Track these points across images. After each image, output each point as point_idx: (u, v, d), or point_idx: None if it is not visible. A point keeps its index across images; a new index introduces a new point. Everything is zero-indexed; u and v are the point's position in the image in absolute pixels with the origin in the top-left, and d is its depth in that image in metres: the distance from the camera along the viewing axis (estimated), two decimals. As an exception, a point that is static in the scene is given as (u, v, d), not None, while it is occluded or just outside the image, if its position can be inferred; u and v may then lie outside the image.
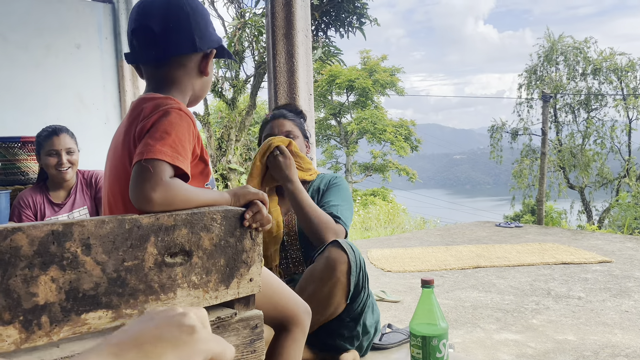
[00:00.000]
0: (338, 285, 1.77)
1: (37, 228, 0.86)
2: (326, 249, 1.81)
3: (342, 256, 1.76)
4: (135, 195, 1.02)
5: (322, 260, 1.79)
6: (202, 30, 1.24)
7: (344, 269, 1.76)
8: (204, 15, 1.26)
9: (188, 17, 1.22)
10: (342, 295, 1.80)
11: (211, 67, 1.33)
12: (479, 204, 69.74)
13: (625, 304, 3.46)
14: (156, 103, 1.14)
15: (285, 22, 2.68)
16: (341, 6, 9.09)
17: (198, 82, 1.29)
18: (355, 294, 1.82)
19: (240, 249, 1.13)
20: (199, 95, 1.33)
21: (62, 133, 2.45)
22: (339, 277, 1.77)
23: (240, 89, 10.69)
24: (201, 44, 1.24)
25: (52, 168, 2.42)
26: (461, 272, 4.55)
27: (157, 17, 1.20)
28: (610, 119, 17.10)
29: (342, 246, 1.78)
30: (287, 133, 2.07)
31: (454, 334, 2.92)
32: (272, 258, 2.01)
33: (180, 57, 1.24)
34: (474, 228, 7.36)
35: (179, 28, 1.21)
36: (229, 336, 1.11)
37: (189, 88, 1.28)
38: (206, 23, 1.26)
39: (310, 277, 1.81)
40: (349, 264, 1.76)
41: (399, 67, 20.82)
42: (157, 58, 1.23)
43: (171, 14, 1.21)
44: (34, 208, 2.44)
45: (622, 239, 6.22)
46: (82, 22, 4.44)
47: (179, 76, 1.25)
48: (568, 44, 17.46)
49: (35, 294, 0.86)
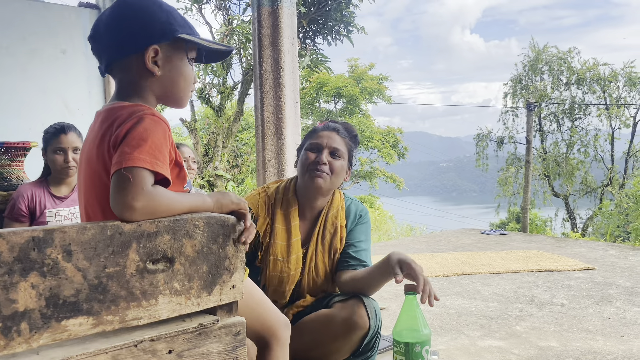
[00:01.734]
0: (349, 344, 1.73)
1: (17, 234, 0.86)
2: (349, 303, 1.71)
3: (365, 323, 1.68)
4: (118, 205, 1.00)
5: (342, 316, 1.70)
6: (136, 28, 1.18)
7: (361, 334, 1.70)
8: (141, 12, 1.20)
9: (119, 18, 1.19)
10: (349, 351, 1.76)
11: (171, 64, 1.22)
12: (465, 211, 70.17)
13: (607, 310, 3.51)
14: (129, 111, 1.12)
15: (271, 30, 2.70)
16: (329, 14, 9.15)
17: (154, 83, 1.21)
18: (363, 352, 1.77)
19: (222, 255, 1.13)
20: (169, 96, 1.25)
21: (70, 131, 2.48)
22: (354, 339, 1.71)
23: (228, 96, 10.68)
24: (134, 43, 1.18)
25: (58, 165, 2.45)
26: (446, 279, 4.58)
27: (99, 25, 1.21)
28: (594, 128, 17.36)
29: (368, 311, 1.69)
30: (334, 150, 1.83)
31: (439, 340, 2.93)
32: (283, 296, 1.85)
33: (122, 61, 1.20)
34: (460, 235, 7.41)
35: (111, 32, 1.19)
36: (211, 343, 1.11)
37: (146, 91, 1.22)
38: (144, 19, 1.19)
39: (324, 325, 1.74)
40: (368, 330, 1.70)
41: (386, 75, 20.95)
42: (106, 66, 1.22)
43: (107, 20, 1.20)
44: (32, 201, 2.44)
45: (604, 246, 6.30)
46: (68, 27, 4.42)
47: (130, 80, 1.21)
48: (552, 54, 17.71)
49: (15, 301, 0.86)
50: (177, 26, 1.22)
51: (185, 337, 1.07)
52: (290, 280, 1.83)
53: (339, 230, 1.88)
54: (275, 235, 1.82)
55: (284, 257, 1.81)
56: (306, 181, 1.82)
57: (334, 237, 1.88)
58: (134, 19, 1.19)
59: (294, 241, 1.82)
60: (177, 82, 1.25)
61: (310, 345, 1.77)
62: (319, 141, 1.83)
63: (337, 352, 1.76)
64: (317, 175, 1.79)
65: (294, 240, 1.83)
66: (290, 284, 1.83)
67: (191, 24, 1.27)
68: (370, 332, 1.70)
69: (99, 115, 1.19)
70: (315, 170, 1.79)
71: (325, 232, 1.87)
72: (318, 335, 1.75)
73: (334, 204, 1.91)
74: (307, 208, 1.89)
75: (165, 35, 1.20)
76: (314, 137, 1.86)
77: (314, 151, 1.83)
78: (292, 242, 1.82)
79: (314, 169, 1.80)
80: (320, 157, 1.80)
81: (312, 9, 8.94)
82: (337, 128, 1.88)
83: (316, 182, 1.79)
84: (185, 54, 1.24)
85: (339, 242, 1.89)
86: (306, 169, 1.82)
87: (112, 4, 1.22)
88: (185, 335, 1.07)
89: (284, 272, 1.81)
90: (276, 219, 1.83)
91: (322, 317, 1.75)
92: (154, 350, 1.02)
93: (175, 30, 1.21)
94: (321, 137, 1.84)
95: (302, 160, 1.84)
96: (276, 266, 1.81)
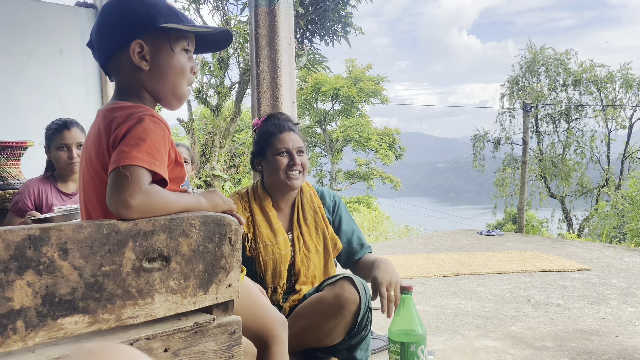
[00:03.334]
0: (342, 323, 1.76)
1: (13, 232, 0.86)
2: (338, 283, 1.77)
3: (354, 296, 1.73)
4: (114, 203, 1.01)
5: (332, 294, 1.75)
6: (118, 23, 1.17)
7: (352, 309, 1.74)
8: (125, 6, 1.19)
9: (104, 16, 1.20)
10: (344, 331, 1.79)
11: (158, 56, 1.20)
12: (462, 212, 70.29)
13: (603, 311, 3.52)
14: (128, 112, 1.12)
15: (268, 30, 2.70)
16: (326, 15, 9.16)
17: (144, 78, 1.20)
18: (357, 332, 1.80)
19: (219, 254, 1.14)
20: (159, 92, 1.23)
21: (74, 127, 2.44)
22: (346, 316, 1.74)
23: (225, 96, 10.67)
24: (116, 39, 1.17)
25: (62, 162, 2.41)
26: (443, 279, 4.59)
27: (92, 28, 1.23)
28: (590, 130, 17.39)
29: (356, 285, 1.74)
30: (300, 149, 1.99)
31: (435, 340, 2.94)
32: (281, 275, 1.96)
33: (113, 61, 1.20)
34: (456, 236, 7.42)
35: (99, 30, 1.20)
36: (207, 342, 1.11)
37: (138, 88, 1.21)
38: (126, 14, 1.18)
39: (316, 307, 1.78)
40: (359, 305, 1.73)
41: (383, 76, 20.97)
42: (101, 65, 1.23)
43: (97, 21, 1.22)
44: (39, 197, 2.41)
45: (600, 247, 6.33)
46: (65, 27, 4.41)
47: (123, 78, 1.21)
48: (549, 55, 17.74)
49: (11, 299, 0.86)
50: (159, 17, 1.17)
51: (181, 335, 1.07)
52: (284, 260, 1.95)
53: (318, 210, 2.06)
54: (258, 226, 1.97)
55: (272, 241, 1.95)
56: (284, 183, 1.97)
57: (316, 217, 2.05)
58: (116, 16, 1.19)
59: (276, 227, 1.98)
60: (167, 75, 1.21)
61: (305, 331, 1.79)
62: (286, 145, 1.97)
63: (332, 332, 1.78)
64: (295, 178, 1.96)
65: (277, 226, 1.98)
66: (284, 263, 1.95)
67: (181, 13, 1.23)
68: (362, 308, 1.74)
69: (100, 114, 1.20)
70: (292, 172, 1.95)
71: (306, 215, 2.04)
72: (311, 318, 1.78)
73: (304, 191, 2.09)
74: (281, 201, 2.05)
75: (146, 27, 1.17)
76: (278, 142, 1.97)
77: (283, 155, 1.96)
78: (275, 228, 1.97)
79: (290, 171, 1.96)
80: (294, 161, 1.95)
81: (309, 9, 8.95)
82: (290, 127, 2.02)
83: (295, 184, 1.97)
84: (169, 43, 1.20)
85: (322, 220, 2.05)
86: (283, 173, 1.96)
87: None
88: (181, 333, 1.07)
89: (276, 253, 1.94)
90: (254, 212, 2.00)
91: (314, 300, 1.81)
92: (150, 349, 1.02)
93: (156, 20, 1.17)
94: (285, 140, 1.97)
95: (274, 165, 1.97)
96: (267, 250, 1.94)
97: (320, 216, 2.06)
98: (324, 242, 2.04)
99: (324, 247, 2.03)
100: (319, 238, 2.04)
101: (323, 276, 2.03)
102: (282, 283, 1.96)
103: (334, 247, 2.05)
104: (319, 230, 2.04)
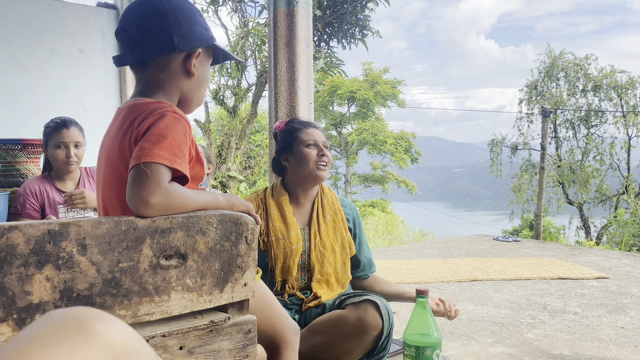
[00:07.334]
0: (362, 345, 1.75)
1: (33, 227, 0.87)
2: (362, 306, 1.74)
3: (377, 322, 1.71)
4: (133, 200, 1.01)
5: (355, 316, 1.73)
6: (184, 29, 1.20)
7: (374, 334, 1.72)
8: (187, 14, 1.22)
9: (166, 16, 1.19)
10: (362, 352, 1.78)
11: (202, 67, 1.28)
12: (478, 217, 69.69)
13: (621, 320, 3.46)
14: (151, 108, 1.13)
15: (287, 31, 2.71)
16: (344, 18, 9.15)
17: (185, 83, 1.25)
18: (376, 353, 1.79)
19: (235, 253, 1.14)
20: (190, 98, 1.28)
21: (72, 126, 2.44)
22: (367, 340, 1.73)
23: (242, 97, 10.72)
24: (181, 44, 1.20)
25: (59, 160, 2.41)
26: (458, 284, 4.54)
27: (135, 18, 1.21)
28: (610, 136, 17.17)
29: (380, 310, 1.72)
30: (325, 144, 2.07)
31: (449, 346, 2.91)
32: (290, 270, 1.97)
33: (161, 58, 1.21)
34: (472, 241, 7.36)
35: (156, 28, 1.19)
36: (222, 340, 1.11)
37: (175, 90, 1.24)
38: (190, 21, 1.22)
39: (336, 326, 1.76)
40: (382, 331, 1.72)
41: (400, 80, 20.93)
42: (138, 60, 1.22)
43: (148, 15, 1.20)
44: (41, 197, 2.42)
45: (619, 255, 6.22)
46: (86, 27, 4.47)
47: (162, 78, 1.22)
48: (569, 60, 17.56)
49: (30, 293, 0.87)
50: (210, 32, 1.29)
51: (197, 333, 1.07)
52: (294, 254, 1.97)
53: (338, 212, 2.10)
54: (272, 219, 2.01)
55: (284, 235, 1.98)
56: (313, 174, 2.01)
57: (335, 217, 2.09)
58: (181, 22, 1.21)
59: (290, 221, 2.00)
60: (201, 85, 1.30)
61: (323, 347, 1.78)
62: (314, 138, 2.03)
63: (350, 352, 1.77)
64: (324, 169, 2.02)
65: (290, 221, 2.00)
66: (294, 257, 1.97)
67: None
68: (384, 333, 1.71)
69: (121, 111, 1.20)
70: (321, 164, 2.01)
71: (326, 213, 2.08)
72: (331, 336, 1.75)
73: (325, 192, 2.13)
74: (301, 196, 2.08)
75: (206, 40, 1.26)
76: (306, 135, 2.04)
77: (311, 147, 2.02)
78: (289, 222, 2.00)
79: (320, 162, 2.01)
80: (324, 152, 2.02)
81: (327, 12, 8.96)
82: (315, 125, 2.11)
83: (323, 175, 2.02)
84: (208, 58, 1.31)
85: (342, 222, 2.09)
86: (313, 163, 2.01)
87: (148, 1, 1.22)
88: (196, 331, 1.07)
89: (287, 247, 1.97)
90: (269, 205, 2.04)
91: (335, 318, 1.77)
92: (165, 346, 1.02)
93: (211, 37, 1.28)
94: (312, 134, 2.04)
95: (304, 157, 2.01)
96: (279, 244, 1.97)
97: (340, 218, 2.09)
98: (341, 242, 2.06)
99: (341, 247, 2.05)
100: (336, 238, 2.05)
101: (338, 276, 2.03)
102: (291, 278, 1.98)
103: (350, 249, 2.07)
104: (337, 231, 2.07)
